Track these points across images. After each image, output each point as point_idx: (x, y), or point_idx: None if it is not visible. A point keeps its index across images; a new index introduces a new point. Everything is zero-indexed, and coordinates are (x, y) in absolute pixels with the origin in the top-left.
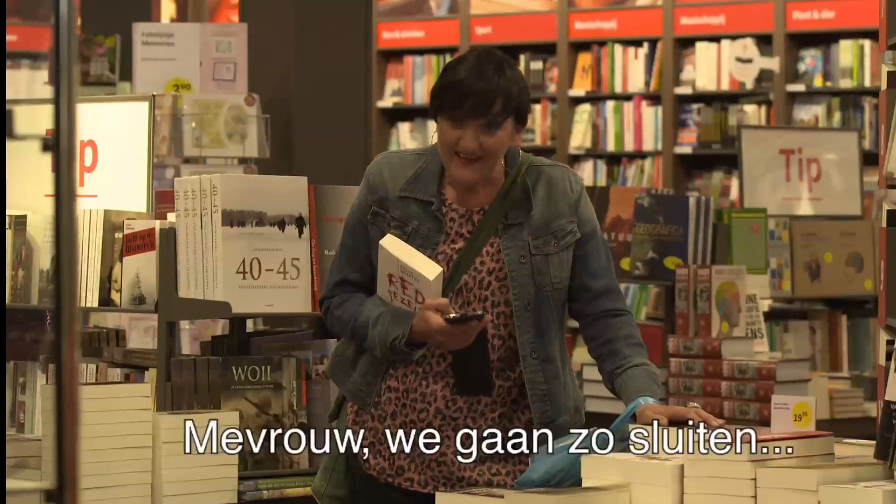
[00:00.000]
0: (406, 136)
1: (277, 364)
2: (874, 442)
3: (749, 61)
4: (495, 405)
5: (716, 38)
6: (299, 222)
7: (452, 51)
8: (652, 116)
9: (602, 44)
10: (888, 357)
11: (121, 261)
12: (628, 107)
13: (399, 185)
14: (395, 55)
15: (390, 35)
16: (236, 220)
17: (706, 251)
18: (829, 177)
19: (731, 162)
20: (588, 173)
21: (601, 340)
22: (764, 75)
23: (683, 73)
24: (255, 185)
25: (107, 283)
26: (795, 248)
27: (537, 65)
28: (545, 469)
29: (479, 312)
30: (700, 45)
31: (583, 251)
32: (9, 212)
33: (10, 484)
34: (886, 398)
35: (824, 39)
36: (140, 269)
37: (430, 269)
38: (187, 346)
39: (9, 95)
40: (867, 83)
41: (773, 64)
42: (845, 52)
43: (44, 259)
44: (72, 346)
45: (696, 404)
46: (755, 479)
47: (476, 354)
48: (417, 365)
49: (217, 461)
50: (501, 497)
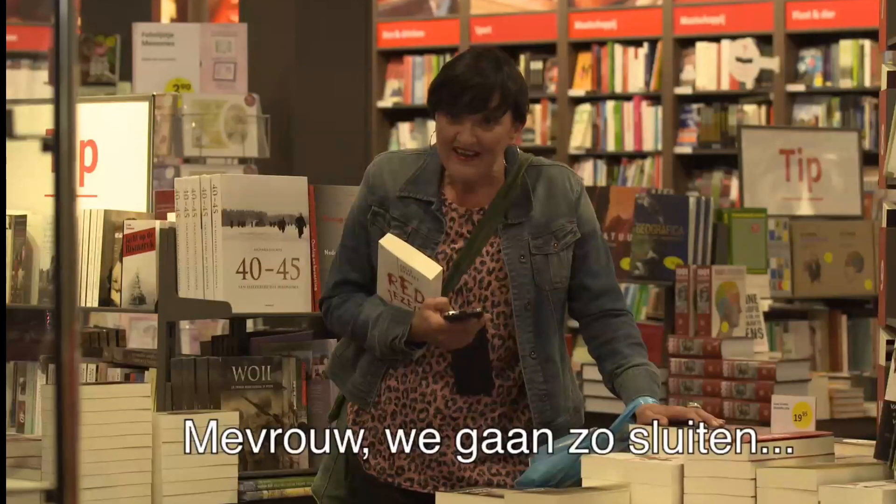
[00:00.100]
0: (406, 136)
1: (277, 364)
2: (874, 442)
3: (749, 61)
4: (495, 405)
5: (716, 38)
6: (299, 222)
7: (452, 51)
8: (652, 116)
9: (602, 44)
10: (888, 357)
11: (121, 261)
12: (628, 107)
13: (399, 185)
14: (395, 55)
15: (390, 35)
16: (236, 220)
17: (706, 251)
18: (829, 177)
19: (731, 162)
20: (588, 173)
21: (601, 340)
22: (764, 75)
23: (683, 73)
24: (255, 185)
25: (107, 283)
26: (795, 248)
27: (537, 65)
28: (545, 469)
29: (478, 310)
30: (700, 45)
31: (583, 251)
32: (9, 212)
33: (10, 484)
34: (886, 398)
35: (824, 39)
36: (140, 269)
37: (429, 268)
38: (187, 346)
39: (9, 95)
40: (867, 83)
41: (773, 64)
42: (845, 52)
43: (44, 259)
44: (72, 346)
45: (696, 404)
46: (755, 479)
47: (476, 354)
48: (417, 365)
49: (217, 461)
50: (501, 497)
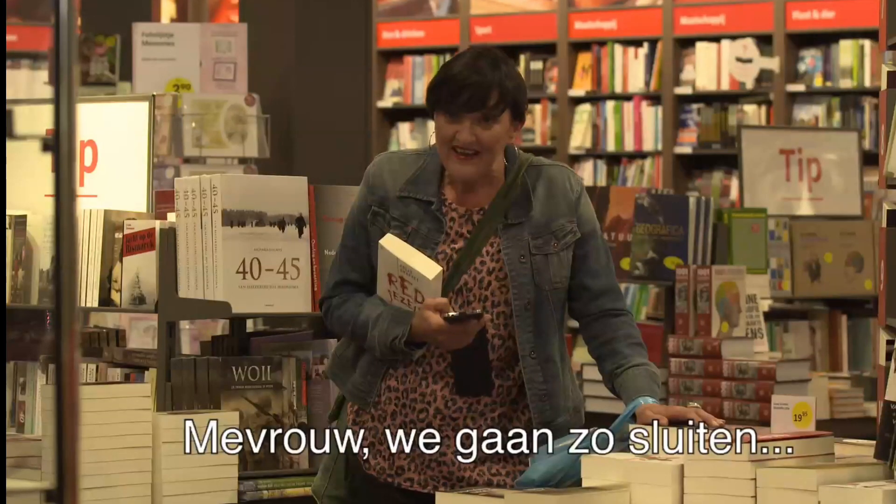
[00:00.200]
0: (406, 136)
1: (277, 364)
2: (874, 442)
3: (749, 61)
4: (495, 405)
5: (716, 38)
6: (299, 222)
7: (452, 51)
8: (652, 116)
9: (602, 44)
10: (888, 357)
11: (121, 261)
12: (628, 107)
13: (399, 185)
14: (395, 55)
15: (390, 35)
16: (236, 220)
17: (706, 251)
18: (829, 177)
19: (731, 162)
20: (588, 173)
21: (601, 340)
22: (764, 75)
23: (683, 73)
24: (255, 185)
25: (107, 283)
26: (795, 248)
27: (537, 65)
28: (545, 469)
29: (478, 311)
30: (700, 45)
31: (583, 251)
32: (9, 212)
33: (10, 484)
34: (886, 398)
35: (824, 39)
36: (140, 269)
37: (429, 268)
38: (187, 346)
39: (9, 95)
40: (867, 83)
41: (773, 64)
42: (845, 52)
43: (44, 259)
44: (72, 346)
45: (696, 404)
46: (755, 479)
47: (476, 354)
48: (417, 365)
49: (217, 461)
50: (501, 497)
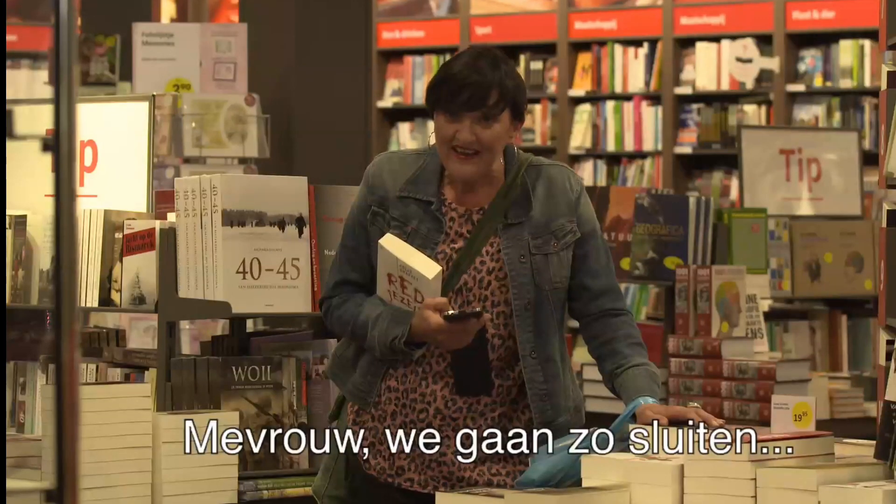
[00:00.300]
0: (406, 136)
1: (277, 364)
2: (874, 442)
3: (749, 61)
4: (495, 405)
5: (716, 38)
6: (299, 222)
7: (452, 51)
8: (652, 116)
9: (602, 44)
10: (888, 357)
11: (121, 261)
12: (628, 107)
13: (399, 185)
14: (395, 55)
15: (390, 35)
16: (236, 220)
17: (706, 251)
18: (829, 177)
19: (731, 162)
20: (588, 173)
21: (601, 340)
22: (764, 75)
23: (683, 73)
24: (255, 185)
25: (107, 283)
26: (795, 248)
27: (537, 65)
28: (545, 469)
29: (477, 310)
30: (700, 45)
31: (583, 251)
32: (9, 212)
33: (10, 484)
34: (886, 398)
35: (824, 39)
36: (140, 269)
37: (429, 268)
38: (187, 346)
39: (9, 95)
40: (867, 83)
41: (773, 64)
42: (845, 52)
43: (44, 259)
44: (72, 346)
45: (696, 404)
46: (755, 479)
47: (475, 354)
48: (417, 365)
49: (217, 461)
50: (501, 497)
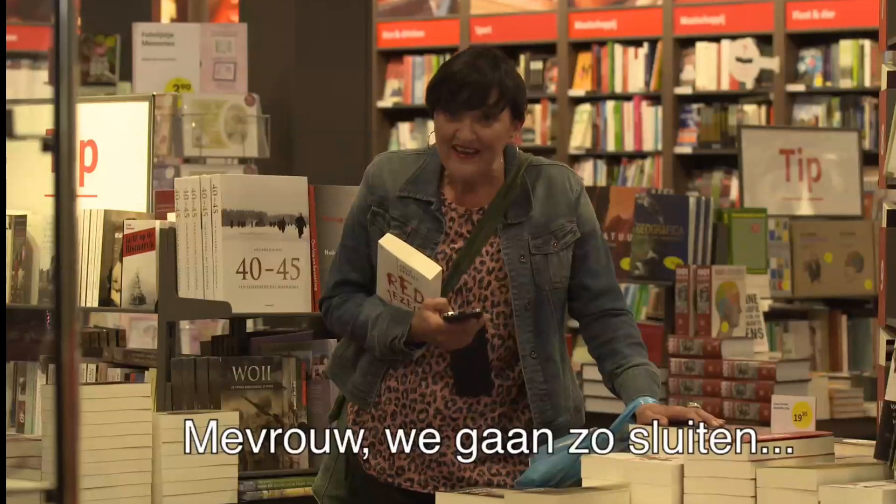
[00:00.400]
0: (406, 136)
1: (277, 364)
2: (874, 442)
3: (749, 61)
4: (495, 405)
5: (716, 38)
6: (299, 222)
7: (452, 51)
8: (652, 116)
9: (602, 44)
10: (888, 357)
11: (121, 261)
12: (628, 107)
13: (399, 185)
14: (395, 55)
15: (390, 35)
16: (236, 220)
17: (706, 251)
18: (829, 177)
19: (731, 162)
20: (588, 173)
21: (601, 340)
22: (764, 75)
23: (683, 73)
24: (255, 185)
25: (107, 283)
26: (795, 248)
27: (537, 65)
28: (545, 469)
29: (477, 310)
30: (700, 45)
31: (582, 251)
32: (9, 212)
33: (10, 484)
34: (886, 398)
35: (824, 39)
36: (140, 269)
37: (429, 268)
38: (187, 346)
39: (9, 95)
40: (867, 83)
41: (773, 64)
42: (845, 52)
43: (44, 259)
44: (72, 346)
45: (696, 404)
46: (755, 479)
47: (475, 354)
48: (417, 365)
49: (217, 461)
50: (501, 497)
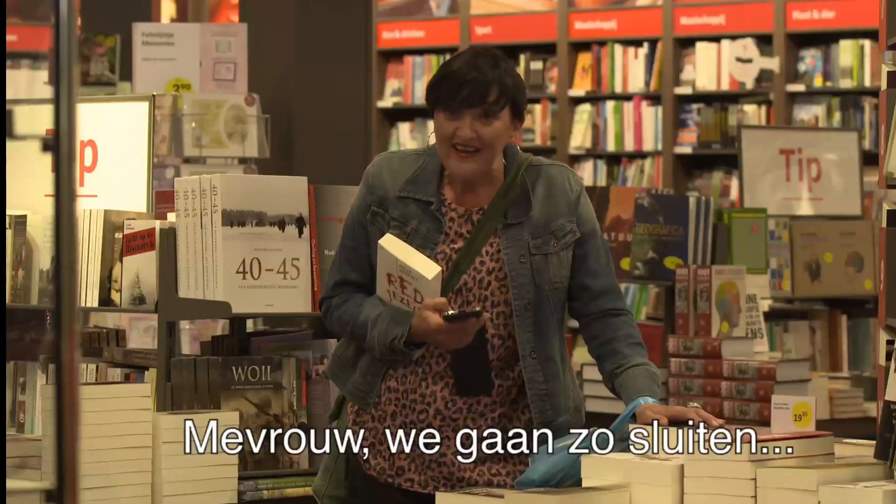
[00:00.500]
0: (406, 136)
1: (277, 364)
2: (874, 442)
3: (749, 61)
4: (495, 405)
5: (716, 38)
6: (299, 222)
7: (452, 51)
8: (652, 116)
9: (602, 44)
10: (888, 357)
11: (121, 261)
12: (628, 107)
13: (398, 185)
14: (395, 55)
15: (390, 35)
16: (236, 220)
17: (706, 251)
18: (829, 177)
19: (731, 162)
20: (588, 173)
21: (601, 340)
22: (764, 75)
23: (683, 73)
24: (255, 185)
25: (107, 283)
26: (795, 248)
27: (537, 65)
28: (545, 469)
29: (477, 309)
30: (700, 45)
31: (582, 251)
32: (9, 212)
33: (10, 484)
34: (886, 398)
35: (824, 39)
36: (140, 269)
37: (428, 268)
38: (187, 346)
39: (9, 95)
40: (867, 83)
41: (773, 64)
42: (845, 52)
43: (44, 259)
44: (72, 346)
45: (696, 404)
46: (755, 479)
47: (475, 354)
48: (417, 365)
49: (217, 461)
50: (501, 497)
